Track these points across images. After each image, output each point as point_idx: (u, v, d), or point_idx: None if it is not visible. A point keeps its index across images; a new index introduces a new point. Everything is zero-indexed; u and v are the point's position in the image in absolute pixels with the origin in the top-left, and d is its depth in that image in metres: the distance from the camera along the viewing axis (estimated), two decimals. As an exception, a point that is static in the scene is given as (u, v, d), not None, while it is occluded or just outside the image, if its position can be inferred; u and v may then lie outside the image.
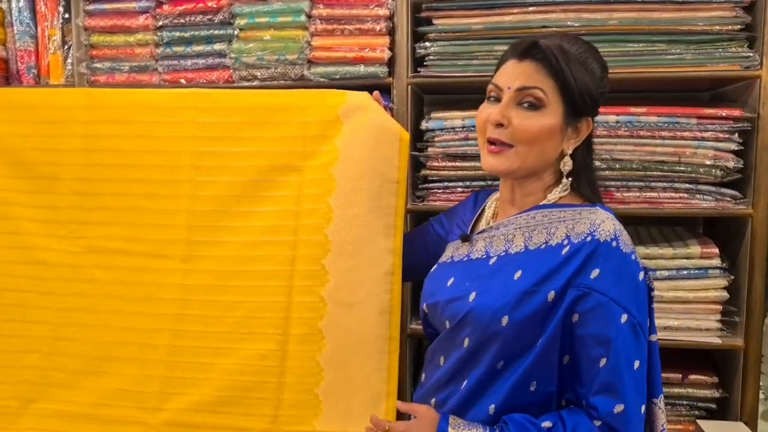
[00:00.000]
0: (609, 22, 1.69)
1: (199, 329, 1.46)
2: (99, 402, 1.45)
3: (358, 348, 1.39)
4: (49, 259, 1.53)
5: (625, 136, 1.70)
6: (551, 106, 1.16)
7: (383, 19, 1.74)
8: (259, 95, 1.59)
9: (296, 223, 1.45)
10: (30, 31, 1.95)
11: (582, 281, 1.10)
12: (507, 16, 1.73)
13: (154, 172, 1.52)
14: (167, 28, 1.84)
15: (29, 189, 1.55)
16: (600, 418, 1.09)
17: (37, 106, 1.57)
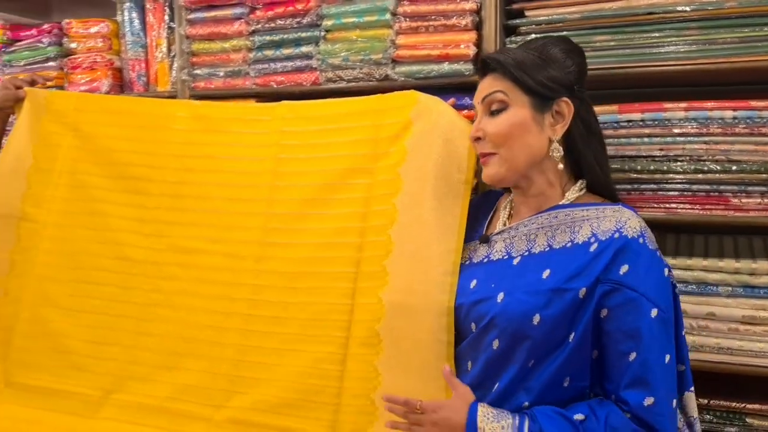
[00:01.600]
0: (726, 4, 1.49)
1: (267, 329, 1.46)
2: (171, 396, 1.49)
3: (414, 353, 1.32)
4: (134, 255, 1.61)
5: (743, 134, 1.49)
6: (515, 103, 1.21)
7: (469, 13, 1.66)
8: (338, 103, 1.60)
9: (363, 225, 1.44)
10: (140, 42, 2.08)
11: (611, 277, 1.11)
12: (608, 3, 1.59)
13: (239, 177, 1.58)
14: (259, 33, 1.87)
15: (121, 188, 1.65)
16: (630, 411, 1.09)
17: (140, 113, 1.68)
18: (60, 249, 1.64)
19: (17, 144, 1.69)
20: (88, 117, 1.69)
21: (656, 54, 1.55)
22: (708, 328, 1.54)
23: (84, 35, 2.11)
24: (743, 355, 1.52)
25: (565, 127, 1.22)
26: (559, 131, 1.22)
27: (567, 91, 1.22)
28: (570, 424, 1.09)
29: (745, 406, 1.59)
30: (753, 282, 1.51)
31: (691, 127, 1.53)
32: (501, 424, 1.10)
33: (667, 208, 1.56)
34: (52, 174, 1.67)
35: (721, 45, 1.51)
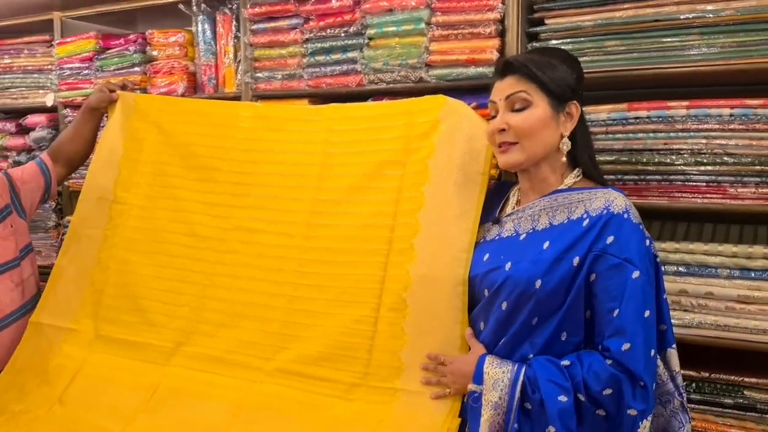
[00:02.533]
0: (725, 12, 1.64)
1: (310, 296, 1.70)
2: (230, 349, 1.75)
3: (435, 317, 1.54)
4: (202, 232, 1.87)
5: (740, 130, 1.64)
6: (536, 102, 1.39)
7: (493, 22, 1.86)
8: (377, 106, 1.86)
9: (396, 209, 1.66)
10: (211, 49, 2.36)
11: (599, 246, 1.30)
12: (618, 12, 1.75)
13: (292, 168, 1.83)
14: (312, 41, 2.13)
15: (194, 177, 1.92)
16: (611, 357, 1.26)
17: (212, 113, 1.96)
18: (142, 226, 1.93)
19: (111, 138, 2.00)
20: (169, 117, 1.98)
21: (661, 57, 1.71)
22: (707, 306, 1.69)
23: (164, 44, 2.42)
24: (739, 331, 1.66)
25: (573, 126, 1.42)
26: (569, 128, 1.42)
27: (575, 95, 1.42)
28: (557, 369, 1.29)
29: (743, 379, 1.72)
30: (749, 265, 1.65)
31: (692, 123, 1.69)
32: (502, 369, 1.32)
33: (671, 197, 1.72)
34: (138, 163, 1.97)
35: (720, 49, 1.66)
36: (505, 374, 1.31)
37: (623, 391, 1.24)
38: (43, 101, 2.69)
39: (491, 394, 1.29)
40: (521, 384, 1.28)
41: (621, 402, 1.24)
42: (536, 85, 1.38)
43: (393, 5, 1.97)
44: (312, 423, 1.57)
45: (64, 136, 2.14)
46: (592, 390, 1.25)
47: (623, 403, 1.24)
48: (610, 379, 1.24)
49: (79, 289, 1.92)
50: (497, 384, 1.30)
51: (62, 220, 2.68)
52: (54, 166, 2.12)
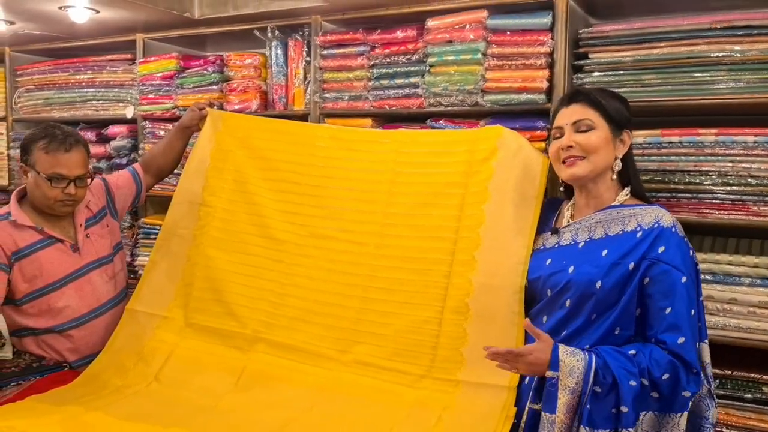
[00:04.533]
0: (750, 52, 1.87)
1: (381, 297, 1.95)
2: (306, 341, 1.99)
3: (494, 319, 1.77)
4: (281, 236, 2.13)
5: (762, 155, 1.86)
6: (599, 127, 1.65)
7: (544, 55, 2.10)
8: (442, 133, 2.12)
9: (458, 225, 1.90)
10: (283, 71, 2.62)
11: (652, 255, 1.53)
12: (655, 49, 1.98)
13: (364, 185, 2.09)
14: (377, 66, 2.38)
15: (274, 188, 2.18)
16: (667, 348, 1.49)
17: (292, 133, 2.23)
18: (226, 228, 2.19)
19: (201, 150, 2.26)
20: (252, 133, 2.24)
21: (693, 90, 1.94)
22: (731, 311, 1.90)
23: (240, 66, 2.68)
24: (760, 333, 1.87)
25: (625, 150, 1.67)
26: (621, 152, 1.67)
27: (628, 124, 1.68)
28: (625, 357, 1.49)
29: (762, 376, 1.93)
30: (768, 274, 1.87)
31: (720, 148, 1.91)
32: (576, 357, 1.50)
33: (699, 213, 1.94)
34: (223, 172, 2.23)
35: (745, 84, 1.88)
36: (579, 362, 1.49)
37: (680, 377, 1.47)
38: (123, 113, 2.97)
39: (568, 380, 1.48)
40: (594, 370, 1.47)
41: (677, 386, 1.47)
42: (599, 113, 1.64)
43: (453, 37, 2.21)
44: (384, 407, 1.79)
45: (157, 149, 2.42)
46: (654, 375, 1.47)
47: (679, 387, 1.47)
48: (669, 365, 1.47)
49: (171, 282, 2.18)
50: (573, 371, 1.48)
51: (137, 221, 2.94)
52: (145, 175, 2.40)
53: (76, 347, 2.14)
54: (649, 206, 1.63)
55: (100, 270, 2.23)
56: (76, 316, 2.13)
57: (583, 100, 1.66)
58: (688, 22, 1.94)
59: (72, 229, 2.19)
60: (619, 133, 1.66)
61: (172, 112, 2.83)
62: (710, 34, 1.92)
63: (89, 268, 2.19)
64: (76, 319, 2.13)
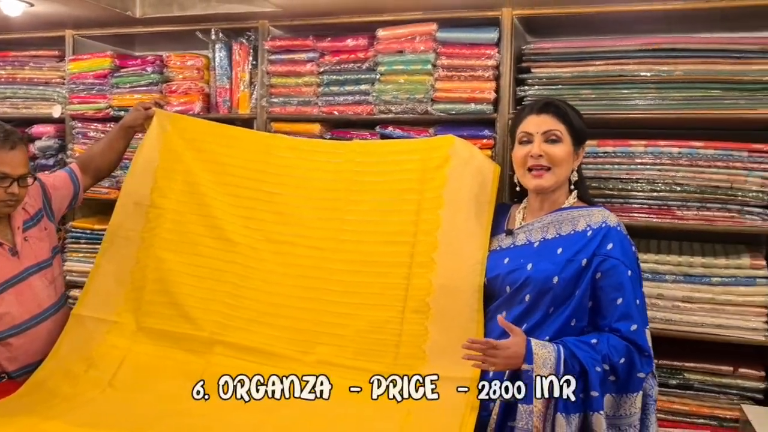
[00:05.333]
0: (675, 72, 2.08)
1: (341, 300, 2.00)
2: (266, 342, 2.00)
3: (455, 318, 1.86)
4: (235, 239, 2.13)
5: (685, 165, 2.08)
6: (565, 140, 1.78)
7: (491, 68, 2.23)
8: (396, 143, 2.20)
9: (416, 229, 1.99)
10: (227, 74, 2.61)
11: (602, 251, 1.69)
12: (591, 67, 2.16)
13: (321, 193, 2.13)
14: (327, 73, 2.43)
15: (226, 192, 2.17)
16: (622, 335, 1.64)
17: (247, 140, 2.24)
18: (177, 229, 2.16)
19: (148, 150, 2.21)
20: (206, 137, 2.22)
21: (625, 105, 2.14)
22: (657, 305, 2.10)
23: (181, 67, 2.64)
24: (683, 325, 2.09)
25: (579, 162, 1.83)
26: (577, 164, 1.82)
27: (584, 141, 1.84)
28: (588, 346, 1.63)
29: (684, 364, 2.14)
30: (690, 272, 2.09)
31: (649, 158, 2.11)
32: (547, 349, 1.62)
33: (630, 217, 2.13)
34: (173, 173, 2.19)
35: (671, 101, 2.10)
36: (550, 353, 1.61)
37: (634, 360, 1.63)
38: (49, 112, 2.83)
39: (542, 371, 1.59)
40: (563, 360, 1.60)
41: (633, 369, 1.63)
42: (566, 126, 1.77)
43: (403, 48, 2.31)
44: (352, 404, 1.82)
45: (96, 149, 2.34)
46: (613, 360, 1.61)
47: (634, 369, 1.63)
48: (625, 350, 1.62)
49: (119, 285, 2.12)
50: (546, 362, 1.60)
51: (64, 225, 2.81)
52: (83, 176, 2.31)
53: (14, 356, 2.03)
54: (594, 208, 1.79)
55: (40, 274, 2.13)
56: (16, 323, 2.02)
57: (554, 113, 1.78)
58: (620, 44, 2.14)
59: (9, 232, 2.08)
60: (579, 147, 1.81)
61: (106, 112, 2.74)
62: (640, 54, 2.12)
63: (29, 273, 2.08)
64: (16, 326, 2.03)
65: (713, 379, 2.12)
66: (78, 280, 2.74)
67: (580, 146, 1.82)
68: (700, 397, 2.13)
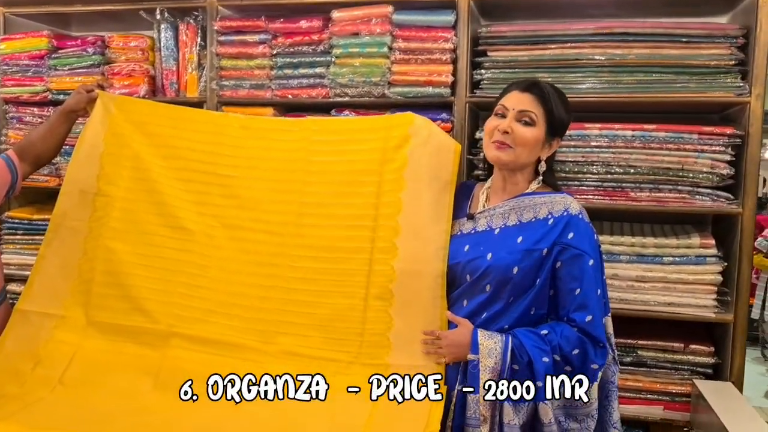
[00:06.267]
0: (629, 56, 2.12)
1: (302, 287, 1.95)
2: (226, 333, 1.94)
3: (418, 304, 1.84)
4: (189, 227, 2.04)
5: (638, 148, 2.12)
6: (538, 125, 1.73)
7: (448, 51, 2.22)
8: (354, 121, 2.13)
9: (376, 213, 1.94)
10: (173, 55, 2.51)
11: (562, 240, 1.66)
12: (547, 50, 2.18)
13: (277, 174, 2.05)
14: (280, 56, 2.37)
15: (178, 176, 2.07)
16: (576, 326, 1.64)
17: (198, 121, 2.13)
18: (127, 218, 2.05)
19: (91, 134, 2.09)
20: (153, 119, 2.12)
21: (580, 89, 2.16)
22: (613, 285, 2.14)
23: (124, 48, 2.52)
24: (637, 304, 2.14)
25: (549, 154, 1.78)
26: (545, 155, 1.77)
27: (561, 133, 1.79)
28: (538, 337, 1.64)
29: (637, 342, 2.21)
30: (643, 252, 2.14)
31: (603, 141, 2.15)
32: (494, 340, 1.64)
33: (586, 199, 2.16)
34: (120, 158, 2.08)
35: (625, 85, 2.13)
36: (497, 344, 1.63)
37: (588, 351, 1.63)
38: (-21, 96, 2.66)
39: (488, 361, 1.61)
40: (510, 351, 1.62)
41: (586, 359, 1.63)
42: (545, 113, 1.72)
43: (359, 30, 2.26)
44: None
45: (36, 135, 2.20)
46: (564, 350, 1.62)
47: (588, 360, 1.63)
48: (578, 341, 1.63)
49: (66, 279, 2.01)
50: (492, 352, 1.62)
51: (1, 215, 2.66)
52: (21, 163, 2.17)
53: (-48, 356, 1.91)
54: (558, 194, 1.76)
55: (-23, 268, 2.01)
56: (-46, 320, 1.91)
57: (537, 95, 1.72)
58: (575, 27, 2.16)
59: (-57, 224, 1.95)
60: (552, 138, 1.76)
61: (43, 96, 2.59)
62: (594, 38, 2.14)
63: (-34, 267, 1.96)
64: (-46, 324, 1.91)
65: (665, 356, 2.18)
66: (16, 273, 2.61)
67: (554, 137, 1.77)
68: (653, 374, 2.20)
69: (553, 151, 1.80)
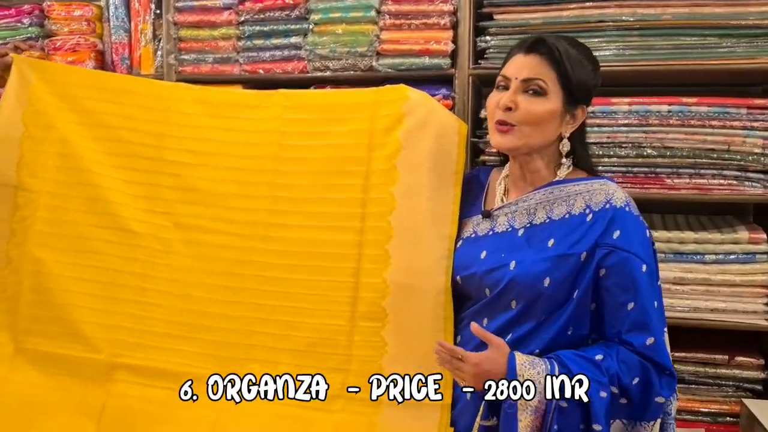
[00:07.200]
0: (663, 16, 1.79)
1: (276, 303, 1.59)
2: (185, 362, 1.60)
3: (417, 326, 1.50)
4: (135, 228, 1.67)
5: (676, 125, 1.80)
6: (552, 94, 1.35)
7: (447, 14, 1.88)
8: (336, 94, 1.74)
9: (363, 211, 1.58)
10: (124, 26, 2.17)
11: (606, 241, 1.30)
12: (565, 11, 1.85)
13: (241, 161, 1.68)
14: (248, 23, 2.02)
15: (119, 164, 1.69)
16: (634, 350, 1.29)
17: (142, 94, 1.74)
18: (56, 219, 1.68)
19: (7, 112, 1.70)
20: (85, 92, 1.73)
21: (605, 56, 1.82)
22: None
23: (66, 18, 2.17)
24: (674, 310, 1.82)
25: (574, 128, 1.39)
26: (568, 130, 1.38)
27: (587, 100, 1.40)
28: (593, 365, 1.27)
29: (674, 354, 1.87)
30: (681, 249, 1.82)
31: (633, 119, 1.82)
32: (537, 370, 1.26)
33: (614, 187, 1.84)
34: (44, 143, 1.70)
35: (659, 51, 1.80)
36: (540, 375, 1.26)
37: (651, 380, 1.28)
38: None
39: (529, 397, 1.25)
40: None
41: (650, 391, 1.29)
42: (558, 77, 1.34)
43: (340, -9, 1.92)
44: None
45: None
46: (623, 381, 1.27)
47: (652, 392, 1.29)
48: (639, 368, 1.28)
49: (-14, 295, 1.66)
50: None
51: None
52: None
53: None
54: (596, 180, 1.39)
55: None
56: None
57: (546, 54, 1.34)
58: (598, -18, 1.82)
59: None
60: (574, 107, 1.37)
61: (-26, 74, 2.22)
62: (622, -5, 1.81)
63: None
64: None
65: (706, 370, 1.88)
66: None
67: (576, 105, 1.37)
68: (692, 391, 1.89)
69: (579, 124, 1.41)
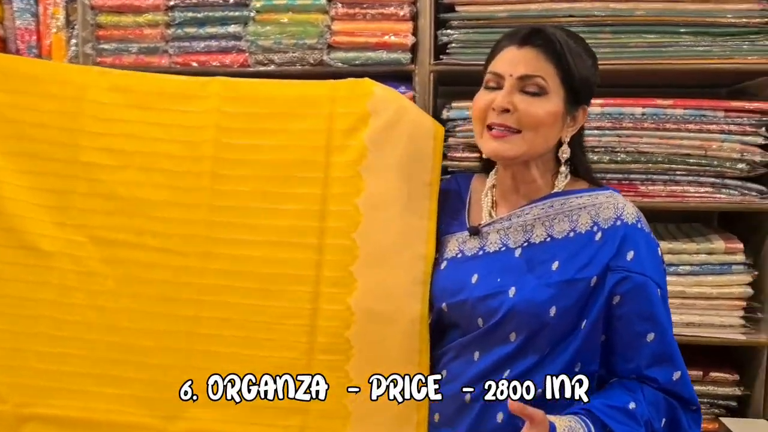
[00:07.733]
0: (636, 12, 1.68)
1: (218, 333, 1.36)
2: (110, 408, 1.35)
3: (387, 360, 1.31)
4: (43, 245, 1.40)
5: (650, 129, 1.69)
6: (553, 93, 1.19)
7: (407, 3, 1.71)
8: (287, 85, 1.48)
9: (321, 225, 1.37)
10: (30, 9, 1.88)
11: (620, 264, 1.16)
12: (533, 5, 1.71)
13: (173, 162, 1.42)
14: (179, 8, 1.78)
15: (25, 168, 1.42)
16: (660, 387, 1.16)
17: (44, 79, 1.45)
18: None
19: None
20: None
21: (575, 53, 1.69)
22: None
23: (-42, -2, 1.87)
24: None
25: (574, 131, 1.25)
26: (569, 134, 1.24)
27: (588, 99, 1.26)
28: (627, 416, 1.12)
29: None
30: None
31: (606, 121, 1.70)
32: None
33: (585, 195, 1.71)
34: None
35: (632, 49, 1.69)
36: None
37: (680, 419, 1.17)
38: None
39: None
40: None
41: (678, 430, 1.17)
42: (559, 73, 1.19)
43: (286, -25, 1.71)
44: None
45: None
46: (654, 426, 1.14)
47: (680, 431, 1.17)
48: (667, 408, 1.16)
49: None
50: None
51: None
52: None
53: None
54: (600, 191, 1.25)
55: None
56: None
57: (543, 48, 1.19)
58: (568, -24, 1.69)
59: None
60: (575, 108, 1.23)
61: None
62: (592, -10, 1.69)
63: None
64: None
65: (680, 387, 1.78)
66: None
67: (578, 105, 1.23)
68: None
69: (579, 127, 1.27)
